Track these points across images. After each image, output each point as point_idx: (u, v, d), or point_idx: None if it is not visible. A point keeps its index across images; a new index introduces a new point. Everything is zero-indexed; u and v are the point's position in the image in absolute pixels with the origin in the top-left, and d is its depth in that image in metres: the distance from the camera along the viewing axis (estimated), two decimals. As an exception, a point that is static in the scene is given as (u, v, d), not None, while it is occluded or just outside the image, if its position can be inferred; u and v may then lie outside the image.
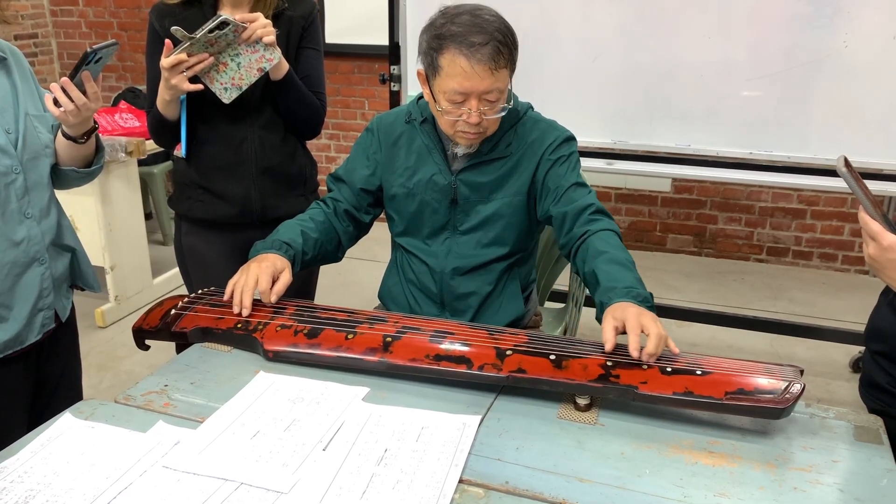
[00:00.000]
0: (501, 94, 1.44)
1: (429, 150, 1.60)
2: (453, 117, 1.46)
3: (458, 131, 1.49)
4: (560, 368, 1.21)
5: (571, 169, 1.57)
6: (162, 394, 1.25)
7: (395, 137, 1.64)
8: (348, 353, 1.31)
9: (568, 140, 1.60)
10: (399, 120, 1.65)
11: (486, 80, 1.40)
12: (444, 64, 1.41)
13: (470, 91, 1.41)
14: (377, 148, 1.66)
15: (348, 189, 1.68)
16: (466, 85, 1.40)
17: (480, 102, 1.43)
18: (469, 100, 1.43)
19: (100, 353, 3.08)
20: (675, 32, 2.52)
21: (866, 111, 2.41)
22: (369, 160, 1.66)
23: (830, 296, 3.67)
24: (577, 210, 1.52)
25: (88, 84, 1.36)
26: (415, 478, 1.02)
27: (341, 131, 4.60)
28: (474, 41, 1.38)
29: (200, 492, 1.00)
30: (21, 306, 1.42)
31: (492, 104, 1.44)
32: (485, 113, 1.44)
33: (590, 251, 1.44)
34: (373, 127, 1.68)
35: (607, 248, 1.43)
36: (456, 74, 1.40)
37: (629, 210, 4.21)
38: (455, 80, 1.41)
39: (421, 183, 1.60)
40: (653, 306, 1.31)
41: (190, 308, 1.46)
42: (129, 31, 4.92)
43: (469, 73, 1.39)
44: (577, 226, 1.51)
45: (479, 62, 1.38)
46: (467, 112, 1.44)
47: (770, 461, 1.09)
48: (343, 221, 1.67)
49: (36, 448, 1.10)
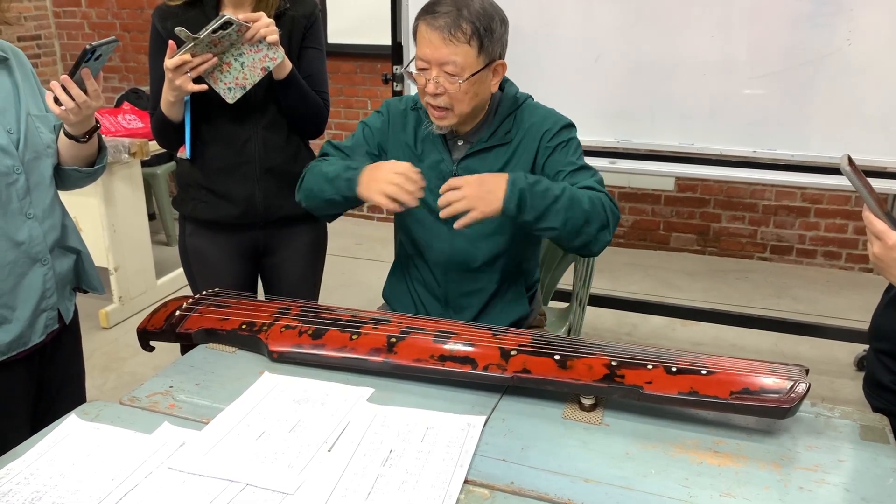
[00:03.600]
0: (461, 69, 1.45)
1: (432, 139, 1.61)
2: (420, 86, 1.50)
3: (427, 104, 1.52)
4: (565, 368, 1.21)
5: (571, 153, 1.56)
6: (167, 395, 1.26)
7: (402, 123, 1.66)
8: (353, 353, 1.31)
9: (567, 126, 1.59)
10: (407, 107, 1.67)
11: (440, 49, 1.44)
12: (417, 34, 1.48)
13: (428, 59, 1.46)
14: (384, 129, 1.66)
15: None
16: (425, 52, 1.46)
17: (439, 74, 1.46)
18: (431, 69, 1.46)
19: (104, 354, 3.09)
20: (677, 31, 2.51)
21: (869, 109, 2.41)
22: (373, 139, 1.66)
23: (834, 294, 3.67)
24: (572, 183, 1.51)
25: (89, 81, 1.36)
26: (420, 478, 1.02)
27: (344, 131, 4.61)
28: (437, 10, 1.44)
29: (206, 493, 1.00)
30: (24, 307, 1.42)
31: (450, 77, 1.46)
32: (442, 84, 1.46)
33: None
34: (384, 108, 1.69)
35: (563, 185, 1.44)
36: (420, 42, 1.47)
37: (632, 209, 4.21)
38: (419, 47, 1.48)
39: (424, 169, 1.61)
40: (515, 182, 1.37)
41: (194, 309, 1.46)
42: (131, 31, 4.92)
43: (426, 40, 1.45)
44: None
45: (435, 29, 1.43)
46: (426, 80, 1.47)
47: (775, 461, 1.08)
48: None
49: (42, 450, 1.10)
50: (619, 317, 3.29)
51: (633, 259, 4.11)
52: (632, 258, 4.12)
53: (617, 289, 3.60)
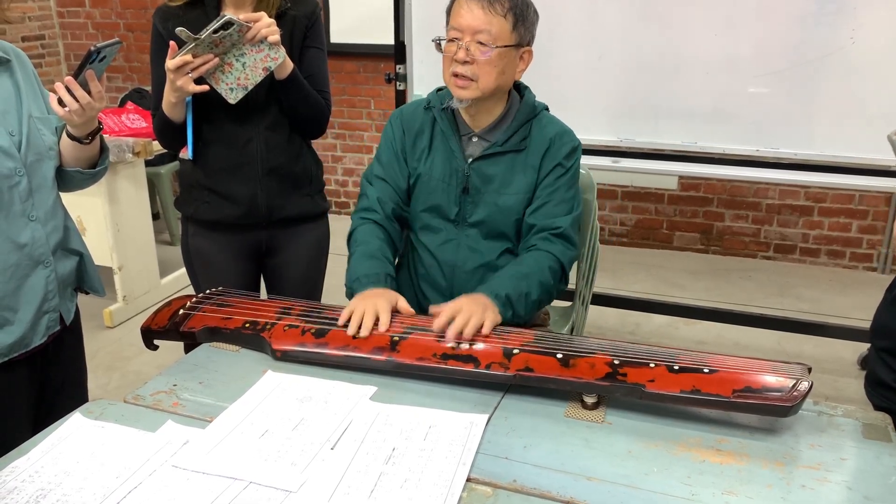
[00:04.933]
0: (494, 39, 1.49)
1: (446, 136, 1.63)
2: (449, 58, 1.53)
3: (451, 77, 1.54)
4: (567, 367, 1.21)
5: (566, 184, 1.61)
6: (171, 394, 1.26)
7: (417, 126, 1.67)
8: (356, 352, 1.31)
9: (575, 150, 1.64)
10: (419, 109, 1.68)
11: (478, 18, 1.48)
12: (453, 7, 1.54)
13: (464, 28, 1.50)
14: (401, 136, 1.68)
15: (387, 186, 1.67)
16: (460, 21, 1.50)
17: (471, 42, 1.50)
18: (463, 37, 1.50)
19: (108, 353, 3.09)
20: (680, 29, 2.51)
21: (873, 107, 2.41)
22: (397, 152, 1.68)
23: (838, 293, 3.66)
24: (543, 227, 1.58)
25: (92, 83, 1.36)
26: (423, 477, 1.03)
27: (347, 131, 4.61)
28: None
29: (209, 491, 1.00)
30: (26, 309, 1.42)
31: (482, 46, 1.49)
32: (472, 52, 1.50)
33: (514, 260, 1.58)
34: (394, 119, 1.71)
35: (525, 262, 1.54)
36: (456, 13, 1.53)
37: (635, 208, 4.20)
38: (454, 18, 1.53)
39: (437, 166, 1.63)
40: (505, 304, 1.42)
41: (198, 308, 1.47)
42: (135, 31, 4.93)
43: (465, 9, 1.50)
44: (533, 238, 1.59)
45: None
46: (457, 48, 1.51)
47: (778, 459, 1.08)
48: (394, 223, 1.68)
49: (46, 448, 1.11)
50: (622, 316, 3.29)
51: (636, 258, 4.10)
52: (635, 257, 4.11)
53: (620, 288, 3.59)
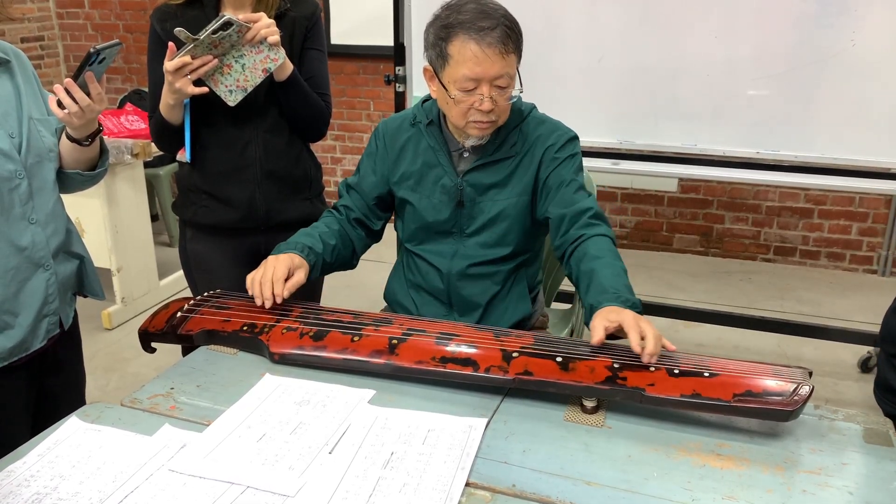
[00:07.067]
0: (511, 79, 1.45)
1: (435, 153, 1.60)
2: (465, 106, 1.46)
3: (471, 122, 1.49)
4: (567, 370, 1.21)
5: (574, 171, 1.57)
6: (168, 397, 1.25)
7: (401, 142, 1.64)
8: (354, 355, 1.31)
9: (572, 140, 1.60)
10: (404, 124, 1.65)
11: (496, 65, 1.40)
12: (454, 52, 1.42)
13: (481, 76, 1.42)
14: (383, 154, 1.66)
15: (360, 197, 1.69)
16: (477, 70, 1.41)
17: (491, 88, 1.43)
18: (480, 86, 1.43)
19: (106, 355, 3.09)
20: (680, 32, 2.51)
21: (874, 110, 2.40)
22: (376, 167, 1.67)
23: (838, 295, 3.65)
24: (575, 213, 1.51)
25: (92, 85, 1.35)
26: (421, 481, 1.02)
27: (347, 132, 4.60)
28: (483, 25, 1.40)
29: (207, 495, 1.00)
30: (26, 313, 1.41)
31: (502, 90, 1.44)
32: (496, 99, 1.44)
33: (585, 255, 1.44)
34: (378, 132, 1.69)
35: (602, 253, 1.43)
36: (467, 60, 1.41)
37: (635, 210, 4.20)
38: (466, 67, 1.41)
39: (427, 185, 1.60)
40: (642, 312, 1.31)
41: (196, 311, 1.46)
42: (134, 33, 4.93)
43: (480, 58, 1.40)
44: (574, 229, 1.51)
45: (489, 45, 1.39)
46: (479, 99, 1.44)
47: (779, 464, 1.08)
48: (356, 229, 1.69)
49: (42, 451, 1.10)
50: (622, 318, 3.28)
51: (635, 260, 4.10)
52: (634, 259, 4.11)
53: (620, 290, 3.58)
